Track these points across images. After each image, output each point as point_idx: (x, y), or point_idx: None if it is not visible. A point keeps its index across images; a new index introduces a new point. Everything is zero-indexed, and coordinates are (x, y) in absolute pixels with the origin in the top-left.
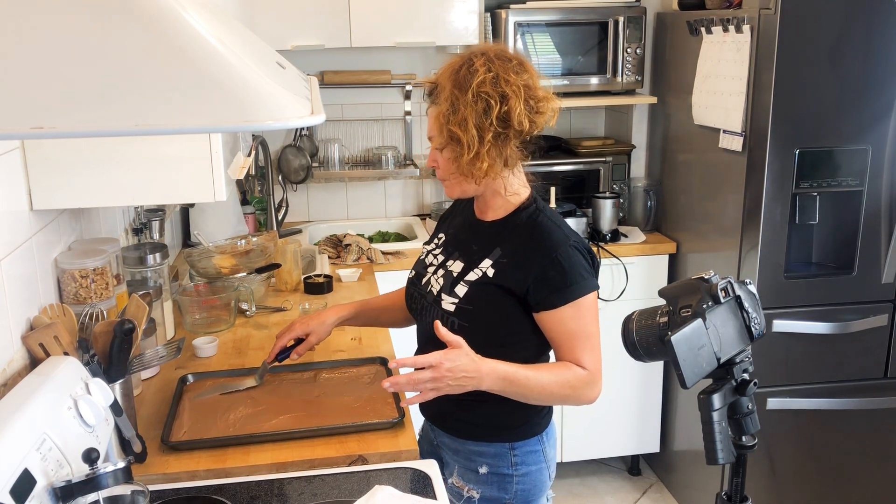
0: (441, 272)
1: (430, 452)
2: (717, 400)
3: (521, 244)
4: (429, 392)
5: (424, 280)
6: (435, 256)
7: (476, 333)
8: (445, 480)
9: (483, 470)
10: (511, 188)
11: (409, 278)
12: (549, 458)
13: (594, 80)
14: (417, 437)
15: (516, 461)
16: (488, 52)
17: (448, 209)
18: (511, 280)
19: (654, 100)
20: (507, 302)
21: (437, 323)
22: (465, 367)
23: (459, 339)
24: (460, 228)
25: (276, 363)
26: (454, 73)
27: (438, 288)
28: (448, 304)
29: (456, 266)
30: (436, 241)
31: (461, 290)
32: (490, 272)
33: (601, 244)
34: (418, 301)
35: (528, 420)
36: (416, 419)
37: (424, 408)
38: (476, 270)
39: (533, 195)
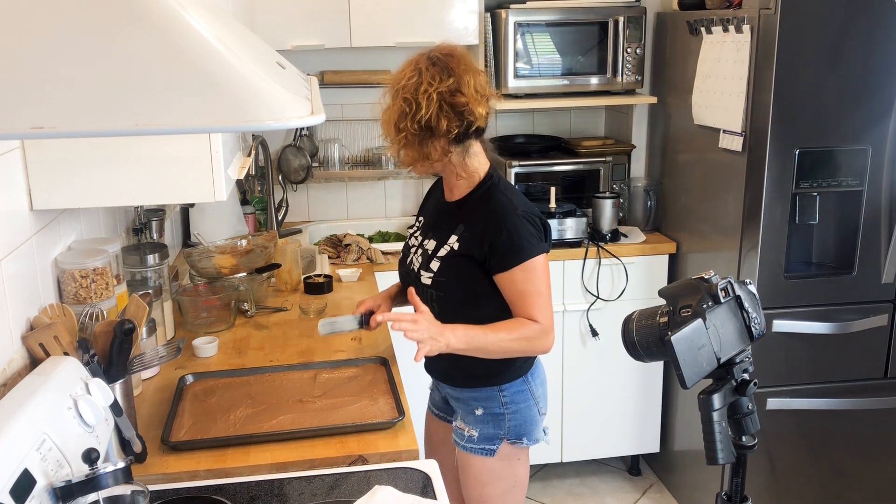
0: (420, 251)
1: (442, 404)
2: (717, 400)
3: (478, 217)
4: (423, 340)
5: (409, 260)
6: (416, 238)
7: (450, 300)
8: (452, 424)
9: (479, 412)
10: (468, 169)
11: (399, 260)
12: (537, 396)
13: (594, 80)
14: (429, 392)
15: (506, 401)
16: (429, 56)
17: (426, 195)
18: (472, 249)
19: (654, 100)
20: (472, 269)
21: (411, 289)
22: (434, 325)
23: (425, 307)
24: (433, 211)
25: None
26: (398, 79)
27: (418, 265)
28: (426, 279)
29: (430, 245)
30: (417, 224)
31: (435, 265)
32: (456, 246)
33: (601, 244)
34: (405, 278)
35: (511, 364)
36: (425, 379)
37: (430, 368)
38: (445, 247)
39: (490, 171)
